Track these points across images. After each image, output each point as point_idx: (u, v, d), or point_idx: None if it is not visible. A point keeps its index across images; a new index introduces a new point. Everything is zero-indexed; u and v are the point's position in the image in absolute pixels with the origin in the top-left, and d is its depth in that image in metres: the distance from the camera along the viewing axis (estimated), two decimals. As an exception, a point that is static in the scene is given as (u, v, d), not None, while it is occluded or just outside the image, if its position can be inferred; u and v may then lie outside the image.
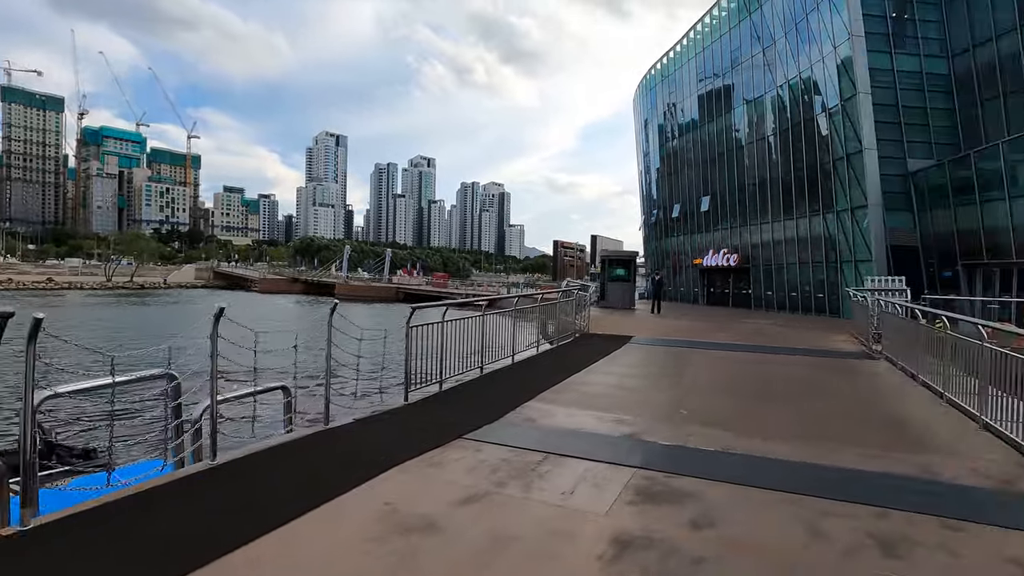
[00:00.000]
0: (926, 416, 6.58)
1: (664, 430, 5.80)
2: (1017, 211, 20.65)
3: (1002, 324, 7.89)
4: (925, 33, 25.44)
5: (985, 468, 4.83)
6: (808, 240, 27.93)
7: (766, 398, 7.58)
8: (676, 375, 8.90)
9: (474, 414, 6.09)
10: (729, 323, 18.61)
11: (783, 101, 29.54)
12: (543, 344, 11.86)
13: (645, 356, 10.79)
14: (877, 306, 11.45)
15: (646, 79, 44.92)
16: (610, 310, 22.47)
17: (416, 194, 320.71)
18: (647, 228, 47.65)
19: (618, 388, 7.91)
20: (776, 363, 10.30)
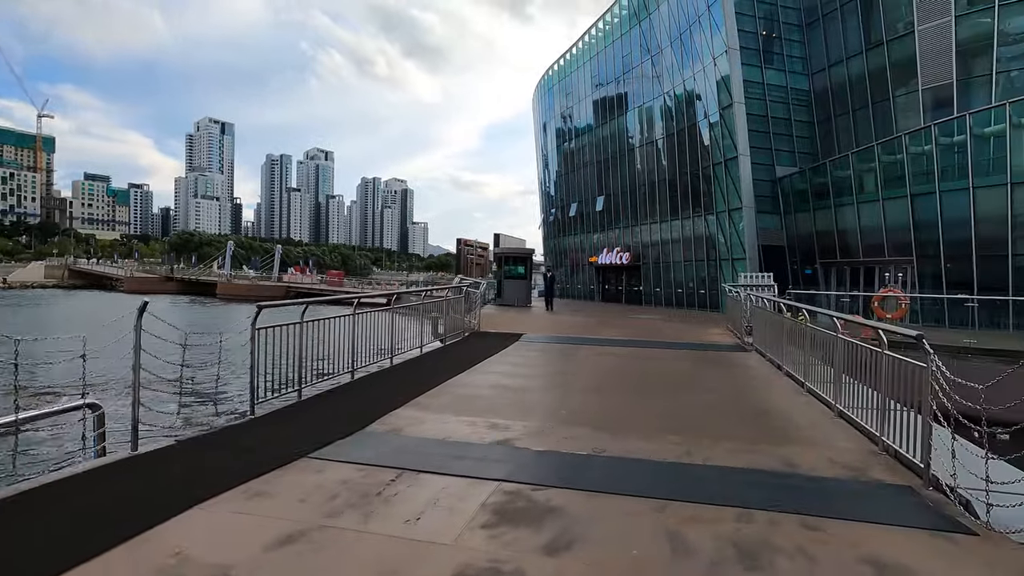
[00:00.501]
0: (789, 406, 6.80)
1: (539, 434, 5.44)
2: (864, 215, 23.15)
3: (852, 317, 8.46)
4: (790, 52, 27.87)
5: (840, 457, 4.93)
6: (692, 239, 29.63)
7: (645, 394, 7.53)
8: (560, 373, 8.68)
9: (330, 426, 5.36)
10: (619, 319, 19.10)
11: (669, 108, 31.10)
12: (432, 343, 11.27)
13: (532, 354, 10.53)
14: (748, 301, 12.08)
15: (544, 80, 45.59)
16: (506, 307, 22.29)
17: (313, 188, 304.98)
18: (546, 227, 48.44)
19: (499, 389, 7.50)
20: (658, 358, 10.47)
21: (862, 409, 5.74)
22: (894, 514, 3.78)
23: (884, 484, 4.36)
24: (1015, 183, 18.33)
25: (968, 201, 19.40)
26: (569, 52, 41.27)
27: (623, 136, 35.73)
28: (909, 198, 21.13)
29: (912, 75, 23.29)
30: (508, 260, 24.52)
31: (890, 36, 24.06)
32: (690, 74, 28.71)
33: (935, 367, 4.25)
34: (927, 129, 20.78)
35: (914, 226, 21.03)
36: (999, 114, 18.89)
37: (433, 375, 8.10)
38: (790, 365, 8.43)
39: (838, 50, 26.40)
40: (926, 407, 4.30)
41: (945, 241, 20.09)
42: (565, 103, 42.42)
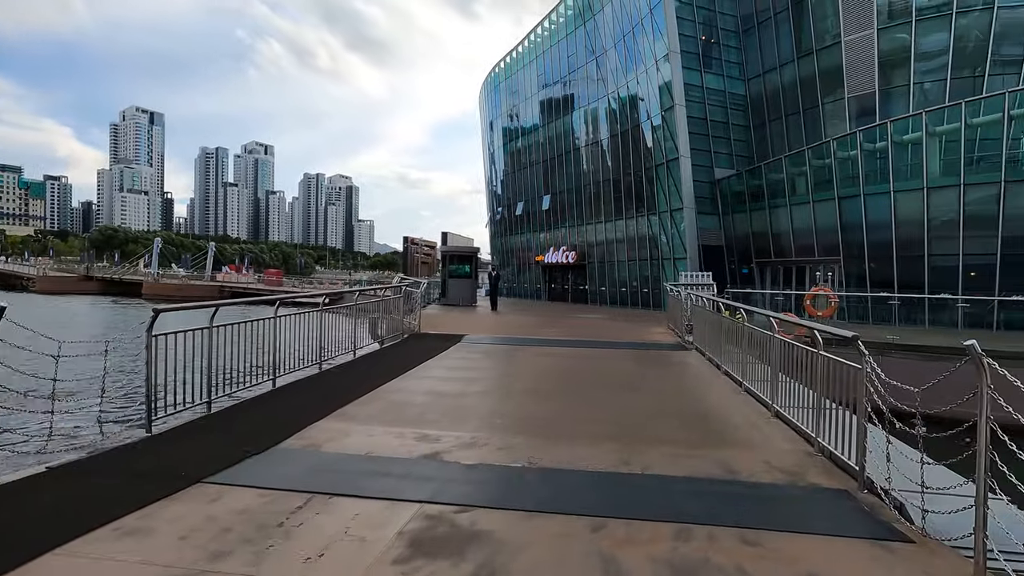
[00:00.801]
0: (727, 407, 6.75)
1: (471, 445, 5.08)
2: (796, 217, 24.10)
3: (788, 315, 8.58)
4: (728, 57, 28.71)
5: (777, 460, 4.84)
6: (636, 239, 30.07)
7: (586, 396, 7.32)
8: (500, 376, 8.36)
9: (239, 443, 4.81)
10: (564, 318, 19.04)
11: (614, 109, 31.44)
12: (370, 346, 10.72)
13: (473, 356, 10.17)
14: (688, 300, 12.18)
15: (490, 78, 45.26)
16: (450, 307, 21.83)
17: (251, 183, 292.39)
18: (493, 225, 48.17)
19: (434, 395, 7.09)
20: (600, 358, 10.34)
21: (798, 408, 5.71)
22: (832, 522, 3.67)
23: (821, 488, 4.27)
24: (931, 188, 19.51)
25: (889, 204, 20.51)
26: (515, 50, 41.11)
27: (569, 136, 35.90)
28: (837, 201, 22.15)
29: (839, 83, 24.46)
30: (453, 259, 24.05)
31: (819, 46, 25.18)
32: (633, 76, 29.09)
33: (870, 368, 4.20)
34: (852, 135, 21.85)
35: (841, 227, 22.06)
36: (916, 123, 20.05)
37: (365, 381, 7.60)
38: (728, 364, 8.45)
39: (772, 57, 27.41)
40: (861, 409, 4.24)
41: (869, 242, 21.17)
42: (511, 101, 42.24)
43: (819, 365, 5.08)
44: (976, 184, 18.78)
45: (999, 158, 18.41)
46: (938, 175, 19.57)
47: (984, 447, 2.91)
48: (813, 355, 5.20)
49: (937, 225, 19.61)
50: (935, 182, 19.50)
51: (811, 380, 5.29)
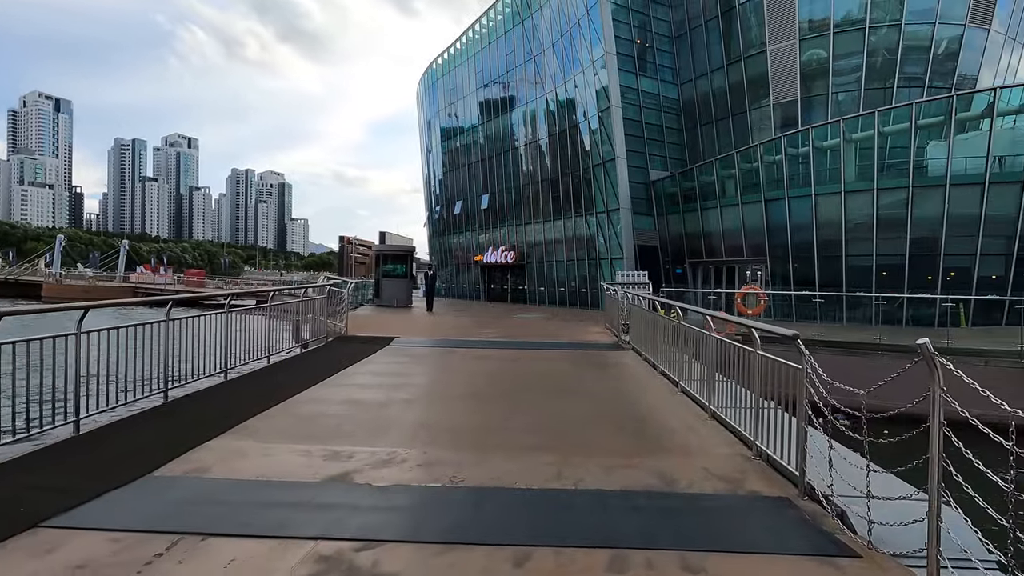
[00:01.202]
0: (664, 409, 6.51)
1: (388, 462, 4.51)
2: (726, 218, 24.85)
3: (722, 314, 8.52)
4: (661, 61, 29.32)
5: (716, 466, 4.57)
6: (574, 239, 30.16)
7: (519, 402, 6.89)
8: (429, 383, 7.80)
9: (105, 471, 4.02)
10: (501, 319, 18.64)
11: (552, 108, 31.43)
12: (289, 350, 9.86)
13: (401, 360, 9.53)
14: (625, 299, 12.06)
15: (428, 74, 44.35)
16: (384, 309, 20.96)
17: (173, 178, 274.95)
18: (431, 225, 47.24)
19: (352, 405, 6.45)
20: (536, 359, 9.97)
21: (735, 409, 5.52)
22: (775, 537, 3.39)
23: (761, 497, 4.02)
24: (848, 192, 20.58)
25: (811, 207, 21.48)
26: (453, 47, 40.44)
27: (507, 135, 35.64)
28: (763, 203, 23.00)
29: (765, 91, 25.48)
30: (387, 258, 23.14)
31: (746, 54, 26.14)
32: (571, 76, 29.17)
33: (810, 368, 3.99)
34: (777, 140, 22.76)
35: (767, 229, 22.94)
36: (834, 129, 21.11)
37: (276, 390, 6.84)
38: (665, 364, 8.28)
39: (703, 63, 28.24)
40: (801, 411, 4.02)
41: (793, 243, 22.11)
42: (449, 99, 41.52)
43: (756, 364, 4.87)
44: (888, 189, 19.96)
45: (907, 165, 19.65)
46: (854, 180, 20.68)
47: (937, 454, 2.68)
48: (750, 354, 5.00)
49: (853, 227, 20.71)
50: (852, 186, 20.59)
51: (748, 380, 5.09)
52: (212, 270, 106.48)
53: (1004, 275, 19.07)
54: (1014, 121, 19.36)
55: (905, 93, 22.56)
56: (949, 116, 19.02)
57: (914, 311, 19.79)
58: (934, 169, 19.47)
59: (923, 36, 22.77)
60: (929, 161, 19.73)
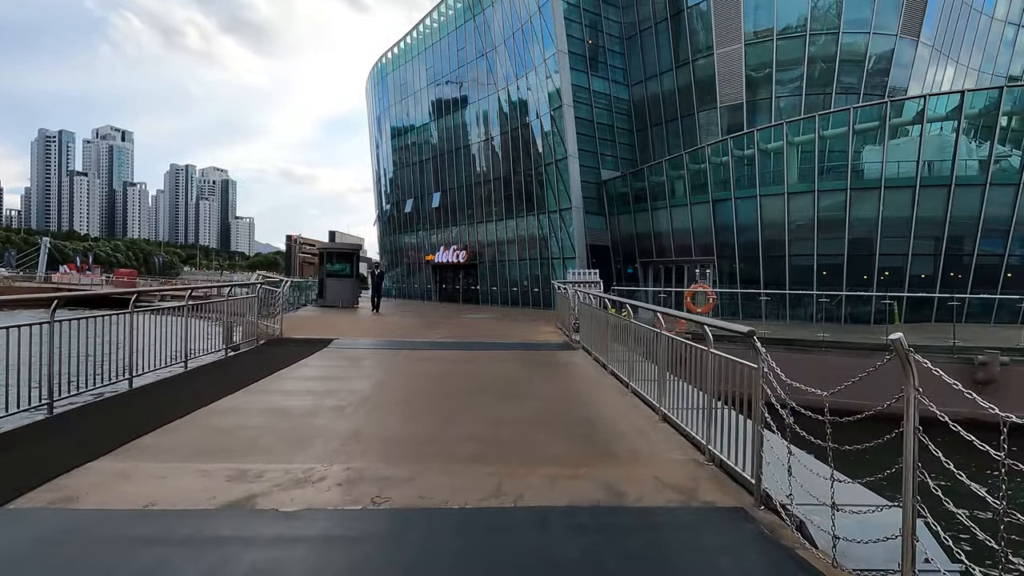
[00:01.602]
0: (614, 412, 6.18)
1: (303, 481, 3.95)
2: (676, 218, 25.12)
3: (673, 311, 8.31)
4: (612, 62, 29.44)
5: (667, 475, 4.24)
6: (527, 238, 29.89)
7: (462, 407, 6.41)
8: (365, 388, 7.20)
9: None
10: (451, 319, 18.08)
11: (504, 106, 31.06)
12: (213, 354, 9.02)
13: (338, 364, 8.86)
14: (576, 297, 11.78)
15: (377, 69, 43.17)
16: (328, 309, 20.00)
17: (105, 173, 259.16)
18: (381, 223, 46.05)
19: (275, 414, 5.80)
20: (484, 361, 9.51)
21: (687, 411, 5.24)
22: (732, 557, 3.06)
23: (715, 508, 3.70)
24: (791, 193, 21.12)
25: (756, 208, 21.94)
26: (403, 41, 39.48)
27: (459, 132, 35.04)
28: (711, 204, 23.36)
29: (712, 94, 25.94)
30: (331, 257, 22.14)
31: (694, 57, 26.55)
32: (523, 74, 28.89)
33: (767, 368, 3.69)
34: (724, 142, 23.16)
35: (715, 229, 23.31)
36: (778, 132, 21.63)
37: (187, 400, 6.10)
38: (615, 364, 7.99)
39: (653, 65, 28.52)
40: (757, 413, 3.73)
41: (739, 243, 22.54)
42: (400, 94, 40.53)
43: (709, 363, 4.58)
44: (828, 191, 20.59)
45: (846, 168, 20.34)
46: (796, 182, 21.25)
47: (912, 463, 2.39)
48: (703, 353, 4.71)
49: (796, 228, 21.27)
50: (794, 188, 21.14)
51: (701, 380, 4.80)
52: (147, 270, 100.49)
53: (933, 274, 20.01)
54: (941, 128, 20.37)
55: (843, 100, 23.41)
56: (883, 121, 19.79)
57: (852, 308, 20.52)
58: (870, 172, 20.24)
59: (859, 45, 23.70)
60: (865, 165, 20.49)
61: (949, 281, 19.72)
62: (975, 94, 20.54)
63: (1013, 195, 19.07)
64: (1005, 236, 19.39)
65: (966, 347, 11.66)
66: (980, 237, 19.42)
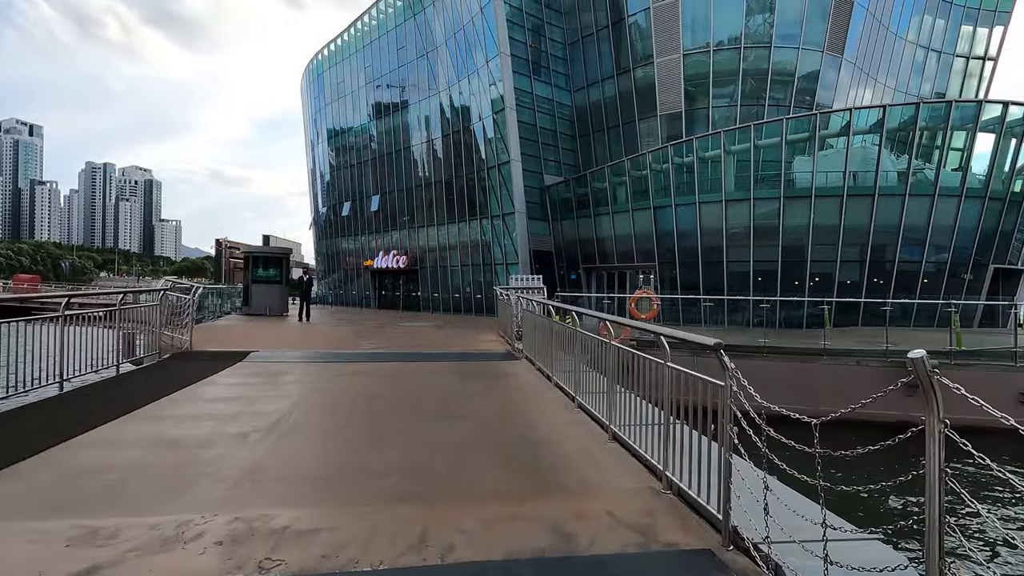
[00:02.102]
0: (559, 431, 5.60)
1: (172, 541, 3.10)
2: (618, 224, 25.16)
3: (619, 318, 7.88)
4: (555, 67, 29.34)
5: (622, 509, 3.68)
6: (469, 243, 29.19)
7: (390, 432, 5.64)
8: (277, 410, 6.28)
9: None
10: (387, 327, 17.09)
11: (445, 108, 30.33)
12: (101, 371, 7.78)
13: (251, 381, 7.85)
14: (519, 304, 11.22)
15: (313, 65, 41.39)
16: (253, 318, 18.53)
17: (10, 171, 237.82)
18: (317, 227, 44.08)
19: (159, 447, 4.84)
20: (419, 374, 8.73)
21: (639, 427, 4.72)
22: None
23: (678, 552, 3.16)
24: (728, 201, 21.53)
25: (695, 214, 22.25)
26: (341, 37, 37.99)
27: (399, 133, 33.96)
28: (652, 210, 23.53)
29: (652, 102, 26.26)
30: (258, 261, 20.61)
31: (635, 65, 26.82)
32: (464, 76, 28.28)
33: (735, 386, 3.20)
34: (664, 149, 23.41)
35: (656, 235, 23.48)
36: (715, 141, 22.05)
37: (45, 432, 5.02)
38: (560, 374, 7.45)
39: (595, 72, 28.63)
40: (725, 438, 3.23)
41: (679, 249, 22.78)
42: (336, 93, 38.95)
43: (667, 378, 4.08)
44: (763, 199, 21.13)
45: (779, 177, 20.94)
46: (733, 190, 21.70)
47: (939, 517, 1.89)
48: (659, 367, 4.20)
49: (733, 235, 21.71)
50: (731, 196, 21.58)
51: (656, 394, 4.30)
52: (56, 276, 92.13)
53: (859, 280, 20.88)
54: (862, 140, 21.38)
55: (774, 112, 24.23)
56: (813, 132, 20.53)
57: (786, 313, 21.07)
58: (801, 182, 20.93)
59: (789, 61, 24.64)
60: (797, 175, 21.19)
61: (873, 287, 20.66)
62: (894, 109, 21.69)
63: (929, 205, 20.22)
64: (922, 244, 20.52)
65: (898, 351, 11.99)
66: (900, 245, 20.45)
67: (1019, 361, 11.51)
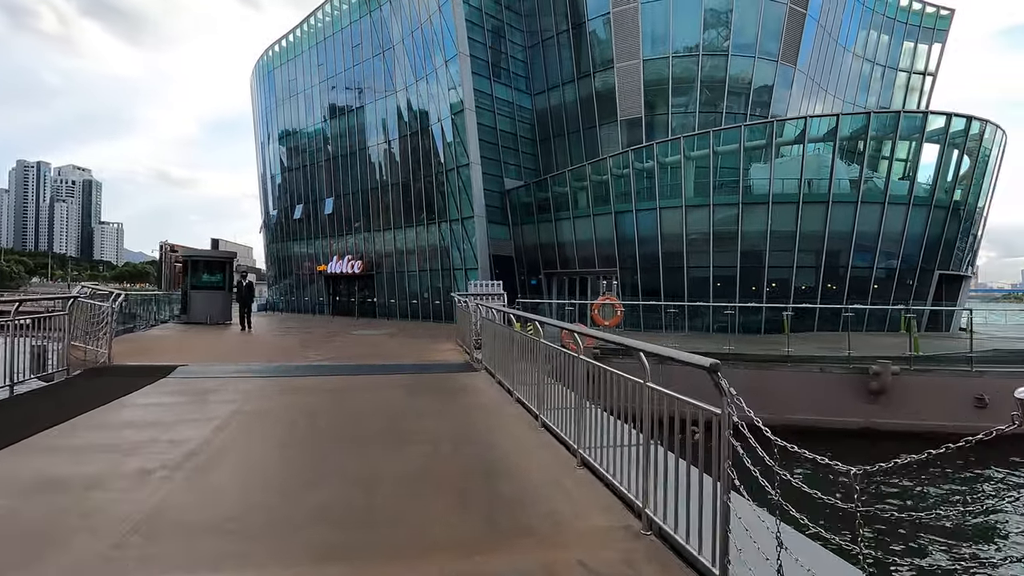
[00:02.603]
0: (521, 456, 4.99)
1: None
2: (579, 229, 24.85)
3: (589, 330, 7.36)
4: (515, 70, 28.92)
5: (595, 557, 3.10)
6: (427, 248, 28.35)
7: (326, 461, 4.89)
8: (196, 436, 5.42)
9: None
10: (338, 336, 16.09)
11: (402, 107, 29.45)
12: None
13: (170, 402, 6.90)
14: (477, 311, 10.56)
15: (264, 61, 39.71)
16: (192, 327, 17.20)
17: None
18: (268, 231, 42.22)
19: (34, 490, 3.95)
20: (367, 389, 7.95)
21: (613, 450, 4.15)
22: None
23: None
24: (688, 206, 21.51)
25: (656, 220, 22.15)
26: (293, 33, 36.53)
27: (355, 134, 32.80)
28: (613, 215, 23.32)
29: (613, 107, 26.15)
30: (199, 266, 19.23)
31: (596, 69, 26.68)
32: (423, 75, 27.51)
33: (735, 417, 2.67)
34: (625, 154, 23.26)
35: (617, 240, 23.27)
36: (675, 147, 22.03)
37: None
38: (522, 388, 6.84)
39: (555, 75, 28.36)
40: (722, 476, 2.68)
41: (640, 254, 22.63)
42: (288, 91, 37.41)
43: (647, 400, 3.53)
44: (722, 205, 21.20)
45: (738, 183, 21.06)
46: (692, 196, 21.71)
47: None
48: (638, 387, 3.65)
49: (693, 240, 21.70)
50: (691, 201, 21.57)
51: (633, 412, 3.75)
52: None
53: (814, 285, 21.18)
54: (816, 148, 21.78)
55: (731, 120, 24.49)
56: (770, 140, 20.75)
57: (744, 319, 21.14)
58: (759, 188, 21.10)
59: (745, 68, 24.99)
60: (754, 181, 21.36)
61: (828, 292, 20.99)
62: (845, 118, 22.21)
63: (880, 213, 20.71)
64: (873, 250, 20.99)
65: (859, 356, 11.96)
66: (853, 251, 20.85)
67: (974, 366, 11.67)
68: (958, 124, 20.64)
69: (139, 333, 14.91)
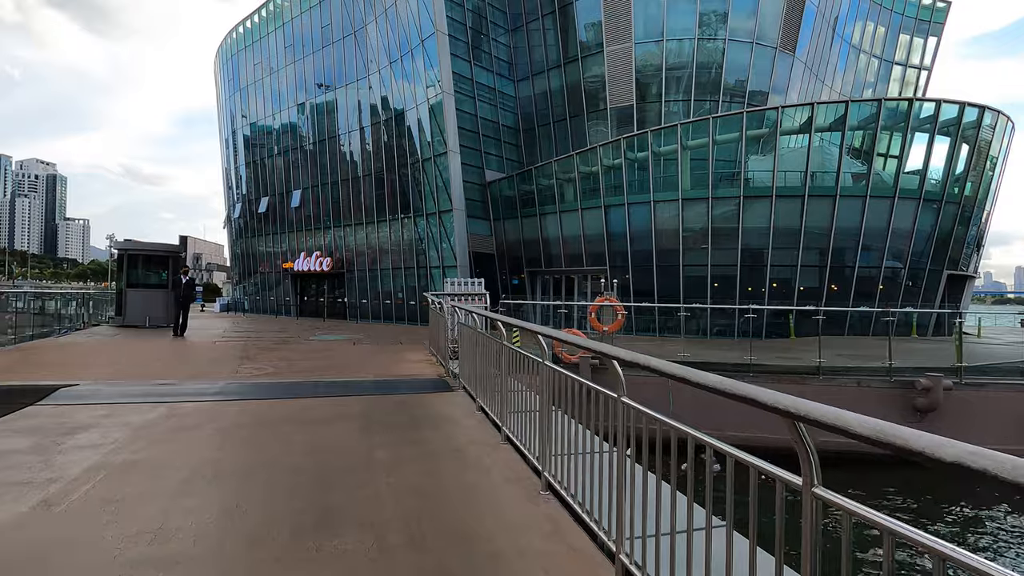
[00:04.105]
0: (523, 565, 3.05)
1: None
2: (566, 224, 23.05)
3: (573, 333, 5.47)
4: (498, 54, 27.02)
5: None
6: (402, 244, 26.28)
7: (230, 544, 2.89)
8: (10, 516, 3.39)
9: None
10: (291, 342, 13.94)
11: (375, 92, 27.31)
12: None
13: (14, 447, 4.80)
14: (454, 315, 8.62)
15: (227, 45, 37.07)
16: (124, 330, 14.90)
17: None
18: (232, 226, 39.55)
19: None
20: (304, 423, 5.91)
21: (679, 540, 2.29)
22: None
23: None
24: (685, 200, 19.87)
25: (649, 214, 20.46)
26: (258, 14, 34.03)
27: (323, 121, 30.52)
28: (603, 209, 21.58)
29: (602, 93, 24.43)
30: (136, 261, 16.90)
31: (584, 54, 24.93)
32: (397, 56, 25.43)
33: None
34: (616, 143, 21.54)
35: (607, 236, 21.53)
36: (671, 135, 20.37)
37: None
38: (515, 426, 4.94)
39: (540, 62, 26.54)
40: None
41: (632, 252, 20.92)
42: (253, 76, 34.89)
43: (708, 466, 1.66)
44: (721, 198, 19.60)
45: (739, 175, 19.49)
46: (690, 188, 20.08)
47: None
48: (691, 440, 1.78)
49: (690, 236, 20.07)
50: (688, 195, 19.94)
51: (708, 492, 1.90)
52: (-75, 279, 79.79)
53: (818, 286, 19.72)
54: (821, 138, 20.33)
55: (727, 109, 22.96)
56: (774, 128, 19.21)
57: (743, 323, 19.59)
58: (761, 181, 19.57)
59: (743, 54, 23.49)
60: (755, 173, 19.82)
61: (832, 293, 19.55)
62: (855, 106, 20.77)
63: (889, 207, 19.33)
64: (882, 248, 19.62)
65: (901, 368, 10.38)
66: (860, 249, 19.45)
67: (1033, 379, 10.21)
68: (970, 114, 19.38)
69: (54, 339, 12.60)
